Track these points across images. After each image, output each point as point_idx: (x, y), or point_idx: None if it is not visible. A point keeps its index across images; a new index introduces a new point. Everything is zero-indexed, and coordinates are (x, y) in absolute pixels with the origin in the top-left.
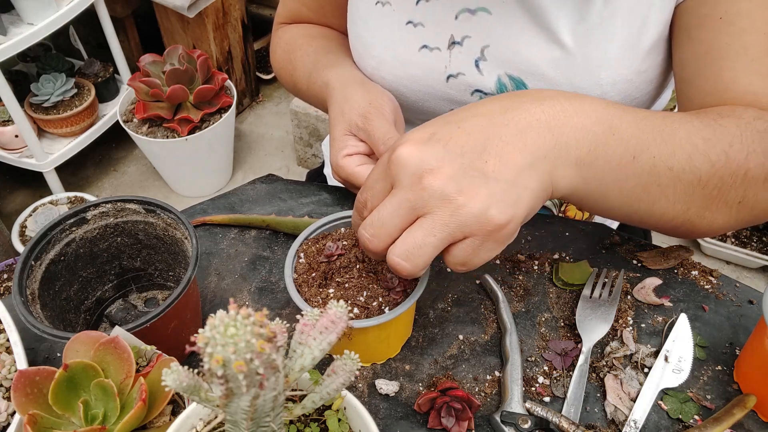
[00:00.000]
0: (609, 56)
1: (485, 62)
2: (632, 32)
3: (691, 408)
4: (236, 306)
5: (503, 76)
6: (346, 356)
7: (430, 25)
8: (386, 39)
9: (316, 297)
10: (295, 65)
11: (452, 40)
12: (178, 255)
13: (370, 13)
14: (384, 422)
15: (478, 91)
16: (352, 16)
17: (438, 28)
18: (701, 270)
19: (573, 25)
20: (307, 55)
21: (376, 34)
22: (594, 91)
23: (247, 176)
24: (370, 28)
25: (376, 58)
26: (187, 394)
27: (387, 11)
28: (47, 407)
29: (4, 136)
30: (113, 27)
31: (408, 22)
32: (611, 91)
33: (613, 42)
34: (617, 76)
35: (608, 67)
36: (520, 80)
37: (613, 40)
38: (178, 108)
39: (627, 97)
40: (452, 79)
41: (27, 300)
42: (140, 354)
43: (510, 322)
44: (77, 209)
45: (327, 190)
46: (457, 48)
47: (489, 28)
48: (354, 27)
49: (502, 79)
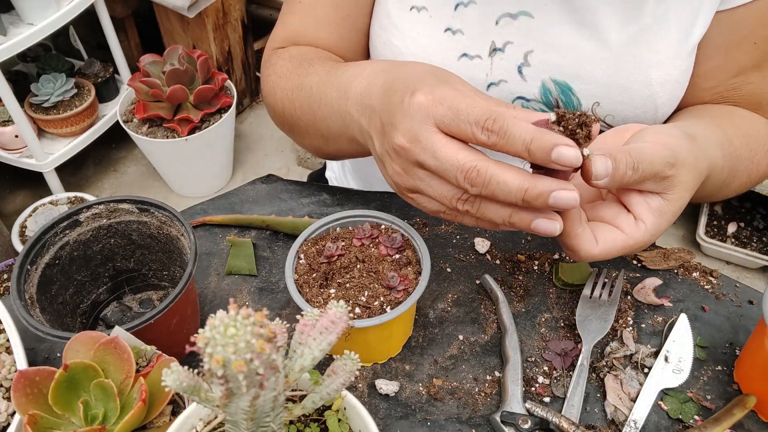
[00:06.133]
0: (661, 56)
1: (528, 68)
2: (682, 31)
3: (691, 408)
4: (236, 306)
5: (548, 81)
6: (346, 356)
7: (470, 31)
8: (422, 47)
9: (317, 297)
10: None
11: (493, 47)
12: (173, 253)
13: (403, 19)
14: (384, 422)
15: (521, 98)
16: (381, 23)
17: (478, 35)
18: (701, 270)
19: (623, 24)
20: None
21: (410, 42)
22: (643, 91)
23: (247, 176)
24: (404, 35)
25: None
26: (187, 394)
27: (423, 18)
28: (47, 407)
29: (4, 136)
30: (113, 27)
31: (446, 30)
32: (660, 91)
33: (665, 41)
34: (667, 77)
35: (659, 67)
36: (565, 84)
37: (665, 39)
38: (178, 108)
39: (673, 98)
40: (493, 87)
41: (27, 304)
42: (140, 354)
43: (510, 322)
44: (70, 212)
45: (327, 191)
46: (499, 55)
47: (532, 32)
48: (384, 34)
49: (547, 84)
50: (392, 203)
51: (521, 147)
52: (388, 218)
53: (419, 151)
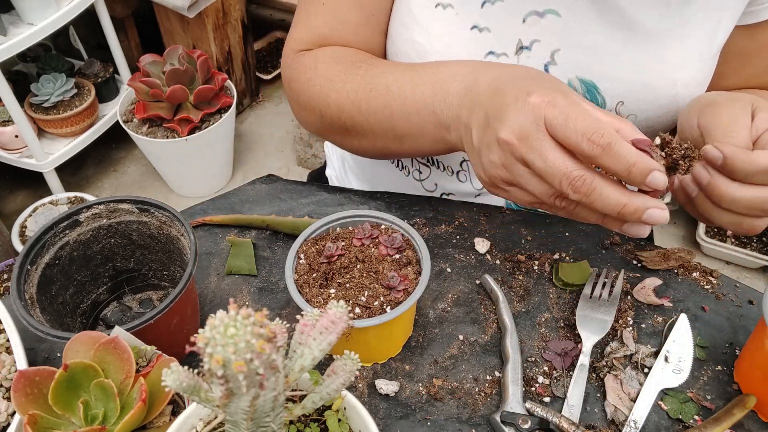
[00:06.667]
0: (687, 57)
1: (555, 66)
2: (707, 33)
3: (691, 408)
4: (236, 306)
5: (574, 80)
6: (346, 356)
7: (497, 29)
8: (447, 45)
9: (317, 297)
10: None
11: (520, 45)
12: (173, 253)
13: (428, 16)
14: (384, 422)
15: None
16: (403, 20)
17: (505, 33)
18: (701, 270)
19: (653, 24)
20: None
21: (434, 39)
22: (668, 91)
23: (247, 176)
24: (429, 33)
25: None
26: (187, 394)
27: (449, 15)
28: (47, 407)
29: (4, 136)
30: (113, 27)
31: (473, 27)
32: (684, 92)
33: (692, 43)
34: (691, 79)
35: (684, 69)
36: (591, 83)
37: (693, 41)
38: (178, 108)
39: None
40: None
41: (27, 304)
42: (140, 354)
43: (510, 322)
44: (70, 212)
45: (327, 191)
46: (526, 53)
47: (559, 30)
48: (406, 31)
49: (573, 83)
50: (392, 203)
51: (623, 168)
52: (388, 218)
53: (526, 150)
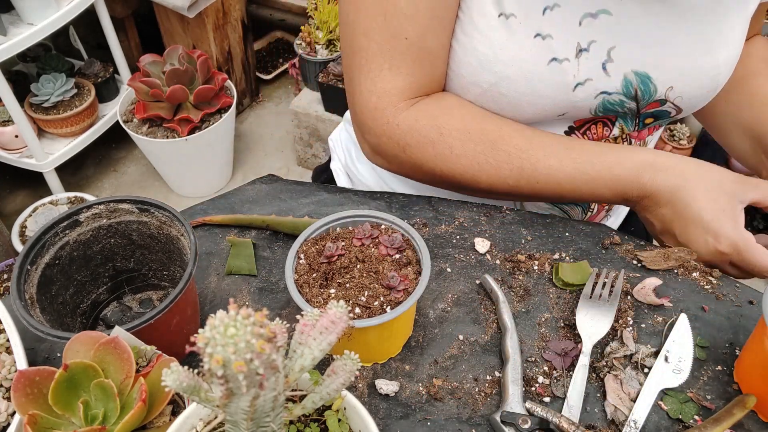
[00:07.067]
0: (728, 34)
1: (611, 63)
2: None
3: (691, 408)
4: (236, 306)
5: (629, 73)
6: (346, 356)
7: (558, 35)
8: (511, 54)
9: (317, 297)
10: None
11: (579, 48)
12: (173, 253)
13: (491, 26)
14: (384, 422)
15: (603, 93)
16: (465, 30)
17: (565, 38)
18: (701, 270)
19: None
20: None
21: (498, 49)
22: (710, 71)
23: (247, 176)
24: (492, 43)
25: (496, 74)
26: (187, 394)
27: (512, 24)
28: (47, 407)
29: (4, 136)
30: (113, 27)
31: (536, 35)
32: (724, 70)
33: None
34: (730, 57)
35: (726, 47)
36: (645, 74)
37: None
38: (178, 108)
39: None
40: (579, 87)
41: (27, 304)
42: (140, 354)
43: (510, 322)
44: (70, 212)
45: (327, 190)
46: (585, 55)
47: (612, 28)
48: (468, 41)
49: (628, 76)
50: (392, 203)
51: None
52: (388, 218)
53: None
